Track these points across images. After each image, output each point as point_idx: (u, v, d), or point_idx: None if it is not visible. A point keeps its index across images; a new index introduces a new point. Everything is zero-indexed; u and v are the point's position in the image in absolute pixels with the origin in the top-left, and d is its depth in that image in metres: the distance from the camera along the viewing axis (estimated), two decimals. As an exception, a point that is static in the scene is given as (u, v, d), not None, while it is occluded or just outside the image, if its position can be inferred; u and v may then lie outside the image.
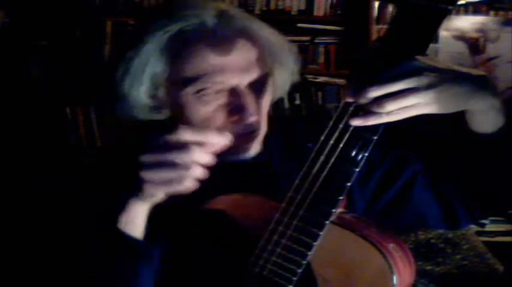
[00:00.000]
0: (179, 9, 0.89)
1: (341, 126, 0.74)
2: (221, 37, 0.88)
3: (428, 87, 0.70)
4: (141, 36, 0.89)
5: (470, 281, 1.93)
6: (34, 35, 2.78)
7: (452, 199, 0.93)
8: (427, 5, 0.68)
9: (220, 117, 0.89)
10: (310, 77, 2.96)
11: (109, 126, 2.78)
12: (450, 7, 0.68)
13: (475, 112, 0.78)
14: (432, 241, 2.03)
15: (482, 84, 0.75)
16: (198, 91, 0.87)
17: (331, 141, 0.75)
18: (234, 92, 0.88)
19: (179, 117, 0.92)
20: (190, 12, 0.88)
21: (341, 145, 0.75)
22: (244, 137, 0.90)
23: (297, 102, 2.96)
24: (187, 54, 0.87)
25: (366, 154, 0.74)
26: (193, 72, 0.87)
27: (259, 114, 0.91)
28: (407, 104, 0.71)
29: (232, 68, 0.87)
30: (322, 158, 0.76)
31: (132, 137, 0.99)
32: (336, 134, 0.75)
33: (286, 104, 2.95)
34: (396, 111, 0.71)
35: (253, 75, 0.89)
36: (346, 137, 0.74)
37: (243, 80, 0.89)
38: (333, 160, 0.75)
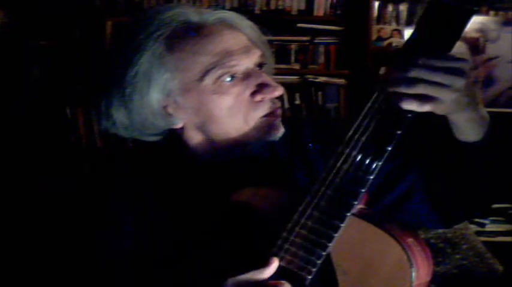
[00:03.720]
0: (161, 14, 0.90)
1: (367, 121, 0.76)
2: (211, 28, 0.89)
3: (457, 90, 0.71)
4: (135, 47, 0.89)
5: (469, 281, 1.93)
6: (34, 35, 2.78)
7: (445, 202, 0.93)
8: (454, 6, 0.69)
9: (245, 103, 0.90)
10: (310, 77, 2.96)
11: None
12: (476, 8, 0.70)
13: (461, 121, 0.79)
14: (432, 240, 2.03)
15: (474, 96, 0.77)
16: (216, 80, 0.88)
17: (357, 136, 0.77)
18: (248, 75, 0.90)
19: (201, 119, 0.92)
20: (173, 13, 0.90)
21: (366, 139, 0.77)
22: (272, 115, 0.91)
23: (297, 102, 2.96)
24: (191, 48, 0.88)
25: (389, 148, 0.75)
26: (205, 64, 0.88)
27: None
28: (433, 94, 0.71)
29: (237, 50, 0.89)
30: (346, 151, 0.78)
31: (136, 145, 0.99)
32: (362, 129, 0.77)
33: (286, 104, 2.94)
34: (418, 100, 0.72)
35: (256, 54, 0.91)
36: (372, 131, 0.76)
37: (251, 60, 0.90)
38: (356, 153, 0.77)
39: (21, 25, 2.76)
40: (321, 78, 2.97)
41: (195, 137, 0.94)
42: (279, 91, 0.91)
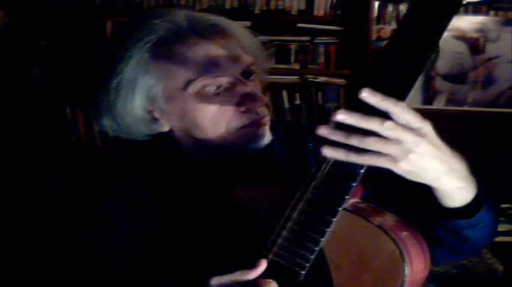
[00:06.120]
0: (150, 20, 0.91)
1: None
2: (199, 35, 0.89)
3: (408, 152, 0.68)
4: (120, 54, 0.89)
5: (469, 281, 1.93)
6: (34, 35, 2.78)
7: None
8: None
9: (228, 113, 0.90)
10: (310, 77, 2.96)
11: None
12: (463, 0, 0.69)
13: (444, 190, 0.77)
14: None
15: (458, 167, 0.75)
16: (200, 90, 0.88)
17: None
18: (233, 84, 0.90)
19: (186, 125, 0.92)
20: (162, 20, 0.90)
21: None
22: (256, 125, 0.91)
23: (297, 102, 2.96)
24: (176, 57, 0.88)
25: None
26: (189, 73, 0.88)
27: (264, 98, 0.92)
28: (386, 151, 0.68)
29: (223, 59, 0.89)
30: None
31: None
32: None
33: (286, 104, 2.94)
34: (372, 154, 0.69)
35: (243, 64, 0.91)
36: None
37: (236, 70, 0.90)
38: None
39: (21, 25, 2.76)
40: (321, 78, 2.97)
41: (183, 139, 0.95)
42: (262, 103, 0.91)
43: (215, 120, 0.90)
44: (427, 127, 0.70)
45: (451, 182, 0.75)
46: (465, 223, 0.80)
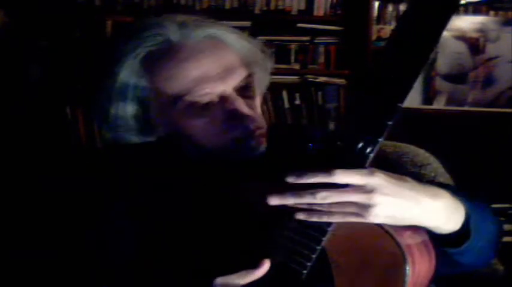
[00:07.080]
0: (141, 32, 0.90)
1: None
2: (191, 48, 0.89)
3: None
4: (112, 65, 0.90)
5: (469, 281, 1.92)
6: (34, 35, 2.78)
7: None
8: None
9: (218, 125, 0.90)
10: (310, 77, 2.96)
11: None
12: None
13: (429, 226, 0.78)
14: (432, 241, 2.03)
15: (433, 204, 0.75)
16: (189, 105, 0.88)
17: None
18: (223, 99, 0.89)
19: (176, 135, 0.93)
20: (152, 32, 0.89)
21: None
22: (248, 138, 0.91)
23: (297, 102, 2.96)
24: (165, 73, 0.88)
25: (381, 139, 0.74)
26: (177, 90, 0.88)
27: (255, 114, 0.91)
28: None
29: (213, 75, 0.88)
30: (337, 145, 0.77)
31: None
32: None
33: (286, 104, 2.94)
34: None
35: (236, 78, 0.90)
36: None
37: (227, 85, 0.89)
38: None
39: (21, 25, 2.76)
40: (321, 78, 2.97)
41: (181, 142, 0.96)
42: (253, 120, 0.90)
43: (205, 133, 0.91)
44: (374, 180, 0.71)
45: (431, 220, 0.76)
46: (454, 250, 0.80)
